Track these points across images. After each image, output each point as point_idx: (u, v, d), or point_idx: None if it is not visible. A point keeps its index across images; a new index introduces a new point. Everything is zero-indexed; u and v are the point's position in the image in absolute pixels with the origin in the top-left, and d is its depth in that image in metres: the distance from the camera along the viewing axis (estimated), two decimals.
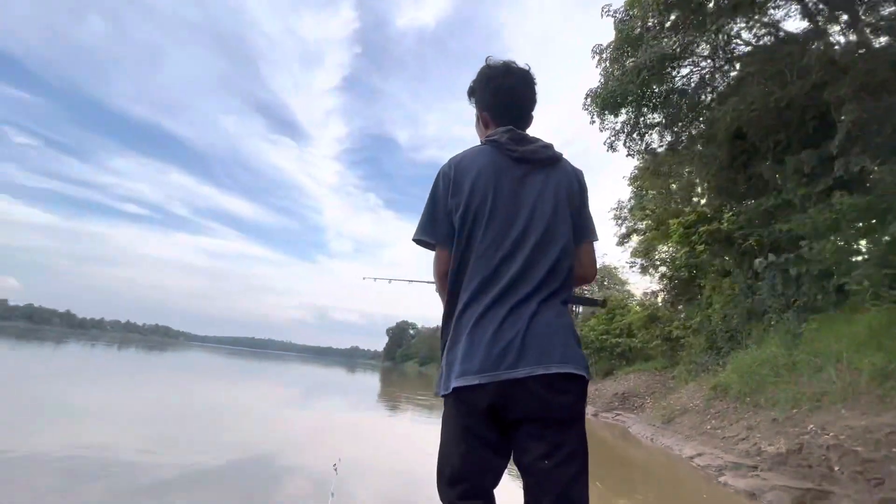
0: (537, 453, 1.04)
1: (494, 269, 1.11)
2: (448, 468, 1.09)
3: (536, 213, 1.16)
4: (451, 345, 1.11)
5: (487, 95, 1.29)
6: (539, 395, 1.03)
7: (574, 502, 1.03)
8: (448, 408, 1.12)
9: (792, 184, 8.42)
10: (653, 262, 17.89)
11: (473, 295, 1.11)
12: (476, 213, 1.14)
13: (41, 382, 10.00)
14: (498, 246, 1.12)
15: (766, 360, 7.70)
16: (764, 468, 5.38)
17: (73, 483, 3.46)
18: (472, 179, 1.16)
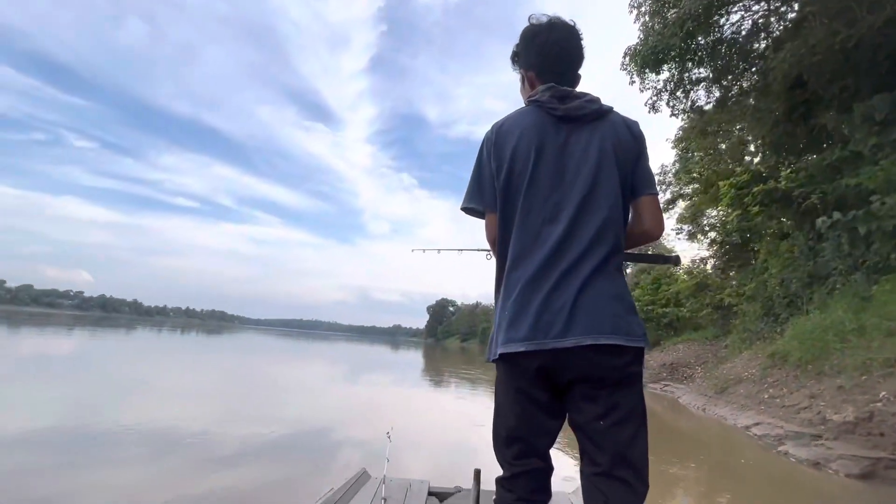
0: (592, 414, 1.02)
1: (537, 235, 1.08)
2: (503, 429, 1.09)
3: (581, 173, 1.10)
4: (500, 311, 1.10)
5: (532, 54, 1.23)
6: (589, 358, 1.01)
7: (632, 463, 1.00)
8: (499, 372, 1.12)
9: (861, 133, 7.65)
10: (701, 228, 16.99)
11: (518, 261, 1.09)
12: (518, 176, 1.11)
13: (125, 364, 11.01)
14: (540, 210, 1.09)
15: (831, 326, 7.22)
16: (829, 437, 5.13)
17: (155, 454, 3.83)
18: (513, 143, 1.13)
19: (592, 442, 1.02)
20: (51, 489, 2.93)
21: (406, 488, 1.91)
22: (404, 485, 1.93)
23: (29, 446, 3.79)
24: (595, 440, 1.02)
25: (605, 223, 1.07)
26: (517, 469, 1.07)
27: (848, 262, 8.31)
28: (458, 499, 1.83)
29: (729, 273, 14.74)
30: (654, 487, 3.23)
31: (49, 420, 4.69)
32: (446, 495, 1.86)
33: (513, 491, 1.06)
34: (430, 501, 1.80)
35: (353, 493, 1.89)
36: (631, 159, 1.15)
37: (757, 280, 11.57)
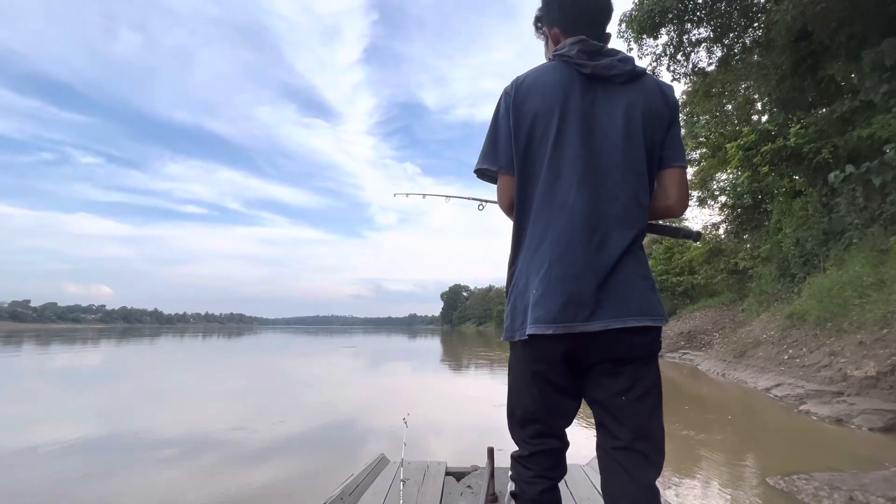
0: (614, 389, 1.01)
1: (563, 205, 0.99)
2: (519, 410, 1.07)
3: (609, 140, 1.02)
4: (524, 287, 1.02)
5: (555, 8, 1.15)
6: (616, 340, 0.99)
7: (651, 436, 1.01)
8: (517, 353, 1.06)
9: (871, 81, 7.39)
10: (711, 193, 16.68)
11: (545, 234, 1.00)
12: (540, 139, 1.03)
13: (153, 371, 11.33)
14: (568, 178, 1.00)
15: (849, 282, 7.11)
16: (851, 393, 5.10)
17: (189, 453, 3.97)
18: (536, 101, 1.03)
19: (612, 417, 1.02)
20: (104, 492, 3.07)
21: (424, 470, 1.97)
22: (422, 466, 1.99)
23: (77, 452, 3.96)
24: (615, 415, 1.01)
25: (633, 198, 1.02)
26: (534, 448, 1.06)
27: (864, 215, 8.12)
28: (474, 477, 1.88)
29: (742, 236, 14.51)
30: (680, 452, 3.25)
31: (103, 427, 4.89)
32: (463, 474, 1.92)
33: (530, 468, 1.06)
34: (448, 481, 1.85)
35: (373, 477, 1.96)
36: (662, 129, 1.07)
37: (771, 241, 11.38)
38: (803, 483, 2.79)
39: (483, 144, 1.12)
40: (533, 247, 1.02)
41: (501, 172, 1.09)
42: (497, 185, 1.11)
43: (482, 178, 1.15)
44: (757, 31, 10.04)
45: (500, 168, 1.08)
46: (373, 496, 1.75)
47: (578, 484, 1.82)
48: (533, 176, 1.04)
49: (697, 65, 10.88)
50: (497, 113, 1.10)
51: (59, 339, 28.90)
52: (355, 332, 70.51)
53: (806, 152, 8.67)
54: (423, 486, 1.78)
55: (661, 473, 1.03)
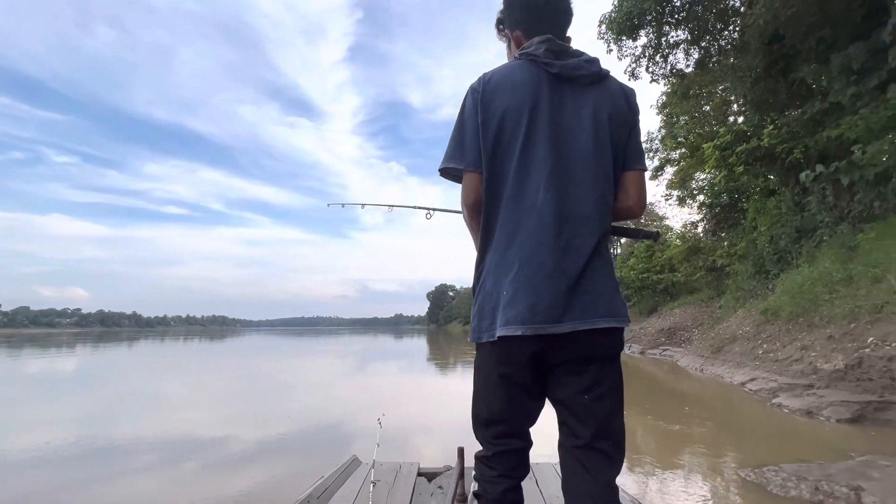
0: (576, 388, 1.01)
1: (533, 207, 0.99)
2: (485, 411, 1.06)
3: (578, 142, 1.02)
4: (492, 288, 1.00)
5: (517, 10, 1.15)
6: (582, 341, 0.99)
7: (612, 435, 1.02)
8: (485, 354, 1.05)
9: (839, 84, 7.63)
10: (690, 192, 17.02)
11: (514, 235, 0.99)
12: (509, 137, 1.01)
13: (129, 376, 11.03)
14: (536, 178, 1.00)
15: (820, 278, 7.33)
16: (820, 386, 5.26)
17: (167, 459, 3.87)
18: (505, 98, 1.02)
19: (574, 416, 1.02)
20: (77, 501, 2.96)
21: (396, 471, 1.95)
22: (394, 467, 1.97)
23: (50, 461, 3.82)
24: (577, 414, 1.02)
25: (601, 198, 1.03)
26: (498, 448, 1.06)
27: (834, 213, 8.39)
28: (445, 477, 1.87)
29: (720, 234, 14.85)
30: (655, 445, 3.29)
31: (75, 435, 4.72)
32: (435, 474, 1.91)
33: (493, 468, 1.06)
34: (419, 481, 1.84)
35: (344, 479, 1.93)
36: (626, 131, 1.08)
37: (747, 239, 11.67)
38: (772, 475, 2.85)
39: (448, 142, 1.09)
40: (501, 248, 1.01)
41: (468, 170, 1.05)
42: (462, 184, 1.07)
43: (447, 177, 1.12)
44: (732, 33, 10.27)
45: (466, 166, 1.05)
46: (342, 498, 1.72)
47: (549, 482, 1.82)
48: (501, 175, 1.02)
49: (675, 66, 11.08)
50: (463, 110, 1.07)
51: (32, 345, 27.95)
52: (341, 333, 69.91)
53: (779, 152, 8.91)
54: (393, 488, 1.76)
55: (620, 471, 1.04)
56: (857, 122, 6.90)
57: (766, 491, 2.70)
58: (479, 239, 1.07)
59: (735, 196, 13.22)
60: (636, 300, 19.10)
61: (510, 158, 1.01)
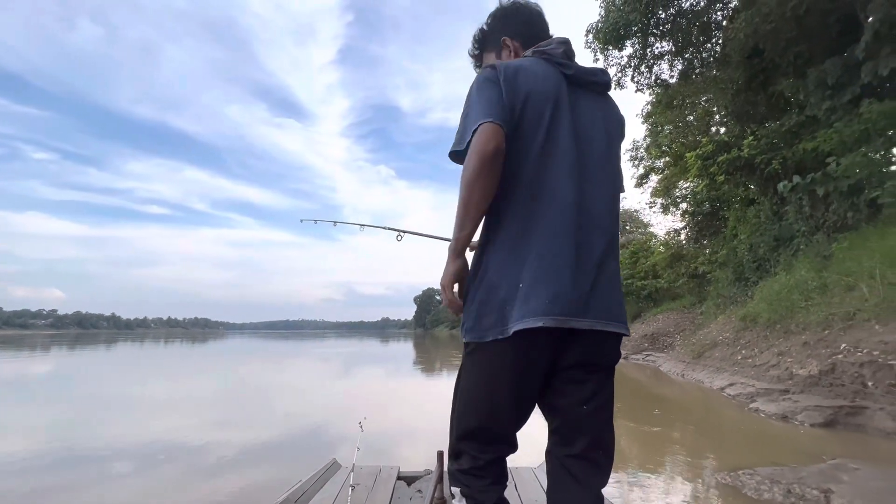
0: (577, 398, 0.99)
1: (552, 195, 0.94)
2: (478, 419, 0.98)
3: (594, 145, 1.01)
4: (498, 281, 0.92)
5: (518, 24, 1.14)
6: (594, 343, 0.97)
7: (606, 446, 1.02)
8: (487, 354, 0.95)
9: (815, 98, 7.90)
10: (673, 200, 17.37)
11: (526, 224, 0.93)
12: (533, 122, 0.95)
13: (108, 381, 10.74)
14: (556, 167, 0.95)
15: (796, 285, 7.53)
16: (795, 391, 5.39)
17: (142, 466, 3.78)
18: (529, 82, 0.96)
19: (571, 425, 1.01)
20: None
21: (375, 474, 1.94)
22: (374, 471, 1.96)
23: (33, 468, 3.69)
24: (575, 424, 1.00)
25: (612, 201, 1.02)
26: (491, 456, 1.01)
27: (810, 223, 8.63)
28: (425, 481, 1.87)
29: (702, 242, 15.15)
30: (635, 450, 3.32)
31: (51, 441, 4.57)
32: (415, 478, 1.90)
33: (485, 477, 1.00)
34: (399, 485, 1.84)
35: (322, 483, 1.92)
36: (620, 149, 1.12)
37: (728, 247, 11.94)
38: (747, 478, 2.91)
39: (474, 109, 0.94)
40: (512, 237, 0.93)
41: (492, 122, 0.90)
42: (487, 132, 0.89)
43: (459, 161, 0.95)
44: (714, 46, 10.56)
45: (494, 119, 0.90)
46: (320, 502, 1.71)
47: (528, 486, 1.84)
48: (519, 159, 0.94)
49: (660, 76, 11.34)
50: (481, 85, 0.96)
51: (2, 346, 27.02)
52: (327, 336, 69.20)
53: (758, 163, 9.16)
54: (372, 492, 1.76)
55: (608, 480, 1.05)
56: (831, 135, 7.14)
57: (741, 494, 2.76)
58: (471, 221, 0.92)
59: (716, 205, 13.51)
60: None
61: (532, 143, 0.95)
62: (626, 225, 31.88)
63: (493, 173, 0.89)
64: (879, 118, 6.45)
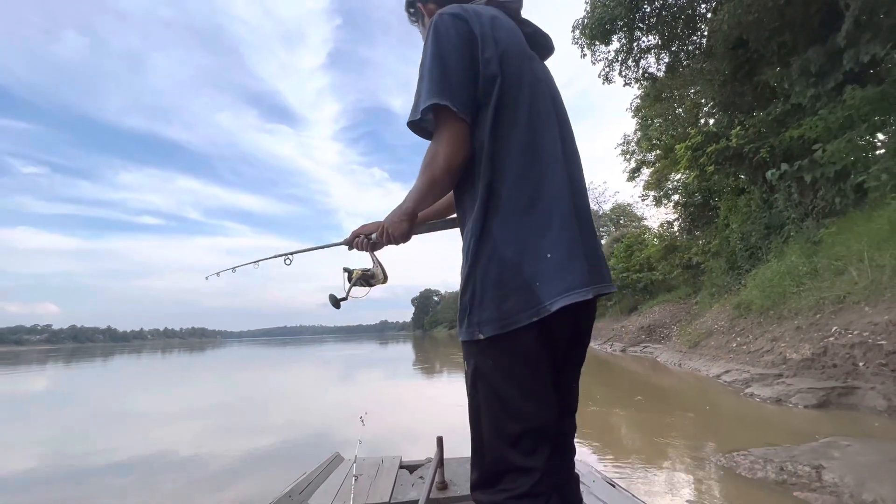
0: (571, 374, 0.97)
1: (553, 157, 0.86)
2: (518, 425, 0.81)
3: (558, 106, 0.93)
4: (518, 256, 0.80)
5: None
6: (593, 309, 0.94)
7: (574, 409, 1.03)
8: (520, 341, 0.80)
9: (800, 86, 8.02)
10: (665, 192, 17.52)
11: (535, 190, 0.82)
12: (515, 81, 0.85)
13: (108, 394, 10.69)
14: (547, 129, 0.87)
15: (788, 272, 7.64)
16: (789, 375, 5.48)
17: (153, 477, 3.80)
18: (503, 35, 0.86)
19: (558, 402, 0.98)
20: None
21: (378, 465, 1.99)
22: (376, 462, 2.01)
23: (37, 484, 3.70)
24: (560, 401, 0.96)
25: (580, 163, 0.96)
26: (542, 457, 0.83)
27: (799, 209, 8.76)
28: (427, 468, 1.91)
29: (695, 232, 15.30)
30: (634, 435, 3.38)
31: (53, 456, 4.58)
32: (416, 466, 1.95)
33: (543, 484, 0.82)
34: (401, 474, 1.88)
35: (326, 475, 1.96)
36: None
37: (720, 236, 12.06)
38: (741, 458, 2.98)
39: (424, 80, 0.83)
40: (522, 207, 0.81)
41: (458, 116, 0.81)
42: (444, 136, 0.82)
43: (417, 130, 0.89)
44: (700, 38, 10.68)
45: (457, 107, 0.80)
46: (324, 493, 1.75)
47: None
48: (510, 122, 0.84)
49: (647, 70, 11.44)
50: (445, 40, 0.83)
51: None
52: (326, 340, 69.01)
53: (746, 152, 9.27)
54: (375, 481, 1.80)
55: None
56: (816, 122, 7.25)
57: (734, 474, 2.82)
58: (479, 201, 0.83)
59: (708, 195, 13.65)
60: (617, 299, 19.46)
61: (520, 104, 0.85)
62: (619, 219, 32.08)
63: (457, 176, 0.85)
64: (863, 104, 6.56)
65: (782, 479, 2.62)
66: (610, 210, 33.33)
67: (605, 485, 1.53)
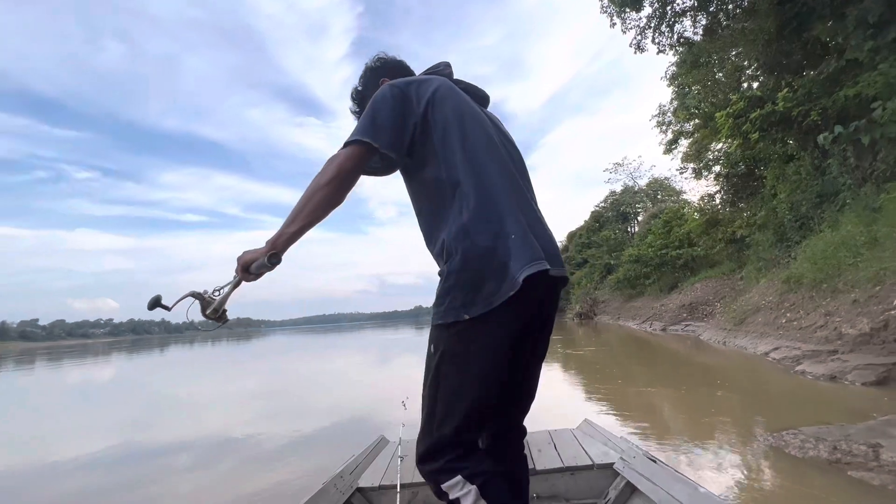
0: (537, 354, 1.07)
1: (492, 145, 1.03)
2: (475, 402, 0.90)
3: (500, 132, 1.12)
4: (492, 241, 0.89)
5: (390, 70, 1.23)
6: (558, 293, 1.04)
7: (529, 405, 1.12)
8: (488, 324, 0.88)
9: (856, 39, 7.34)
10: (706, 164, 16.64)
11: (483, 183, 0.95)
12: (455, 117, 1.01)
13: (166, 381, 11.54)
14: (486, 148, 1.01)
15: (843, 242, 7.17)
16: (844, 351, 5.20)
17: (212, 458, 4.12)
18: (434, 90, 1.03)
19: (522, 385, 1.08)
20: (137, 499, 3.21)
21: None
22: None
23: (103, 463, 4.11)
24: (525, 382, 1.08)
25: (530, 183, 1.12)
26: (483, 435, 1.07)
27: (856, 175, 8.14)
28: None
29: (739, 205, 14.52)
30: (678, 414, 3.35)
31: (125, 437, 5.04)
32: None
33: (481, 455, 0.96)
34: None
35: (374, 456, 2.07)
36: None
37: (767, 207, 11.41)
38: (791, 437, 2.89)
39: (363, 121, 0.98)
40: (483, 203, 0.93)
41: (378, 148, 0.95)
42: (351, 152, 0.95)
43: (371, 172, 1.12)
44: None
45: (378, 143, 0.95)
46: (372, 473, 1.86)
47: (566, 445, 1.93)
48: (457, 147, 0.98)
49: (683, 35, 10.80)
50: (384, 100, 1.00)
51: (70, 356, 29.26)
52: (364, 327, 70.94)
53: (795, 116, 8.66)
54: None
55: None
56: (876, 77, 6.66)
57: (783, 453, 2.75)
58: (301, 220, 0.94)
59: (752, 164, 12.89)
60: (655, 277, 18.86)
61: (462, 131, 1.00)
62: (656, 194, 30.83)
63: (340, 188, 0.94)
64: None
65: (836, 459, 2.53)
66: (646, 185, 32.08)
67: (646, 460, 1.54)
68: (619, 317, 19.81)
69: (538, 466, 1.75)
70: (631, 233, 30.95)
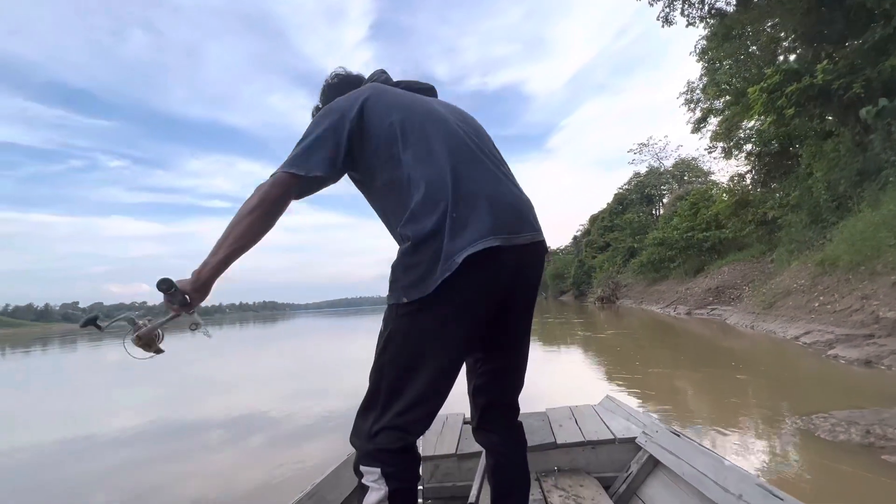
0: (521, 329, 1.05)
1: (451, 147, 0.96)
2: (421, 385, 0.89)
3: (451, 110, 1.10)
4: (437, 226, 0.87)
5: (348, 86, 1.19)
6: (538, 262, 1.00)
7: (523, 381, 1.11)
8: (431, 305, 0.86)
9: None
10: (736, 142, 15.95)
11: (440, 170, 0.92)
12: (392, 115, 0.99)
13: (200, 361, 12.04)
14: (433, 132, 0.98)
15: (884, 222, 6.82)
16: (882, 335, 5.00)
17: (240, 435, 4.31)
18: (364, 99, 1.01)
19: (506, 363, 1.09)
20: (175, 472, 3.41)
21: (443, 421, 2.12)
22: (441, 419, 2.14)
23: (148, 437, 4.36)
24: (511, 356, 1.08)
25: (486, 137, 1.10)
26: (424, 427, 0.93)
27: None
28: None
29: (770, 185, 13.94)
30: (706, 399, 3.33)
31: (168, 413, 5.32)
32: None
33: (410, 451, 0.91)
34: (465, 429, 1.99)
35: None
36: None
37: (801, 187, 10.92)
38: (821, 421, 2.82)
39: (296, 148, 0.96)
40: (432, 181, 0.90)
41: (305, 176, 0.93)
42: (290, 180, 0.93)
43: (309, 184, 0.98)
44: None
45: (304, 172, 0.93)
46: None
47: (587, 419, 1.94)
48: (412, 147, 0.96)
49: (714, 5, 10.30)
50: (319, 122, 0.99)
51: (110, 336, 30.77)
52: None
53: (835, 89, 8.19)
54: (441, 436, 1.93)
55: None
56: None
57: (813, 436, 2.68)
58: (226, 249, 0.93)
59: (786, 142, 12.30)
60: (681, 260, 18.39)
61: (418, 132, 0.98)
62: (683, 175, 29.85)
63: (266, 216, 0.93)
64: None
65: (868, 443, 2.46)
66: (672, 166, 31.06)
67: (669, 434, 1.53)
68: (642, 301, 19.49)
69: (559, 440, 1.77)
70: (655, 215, 30.17)
